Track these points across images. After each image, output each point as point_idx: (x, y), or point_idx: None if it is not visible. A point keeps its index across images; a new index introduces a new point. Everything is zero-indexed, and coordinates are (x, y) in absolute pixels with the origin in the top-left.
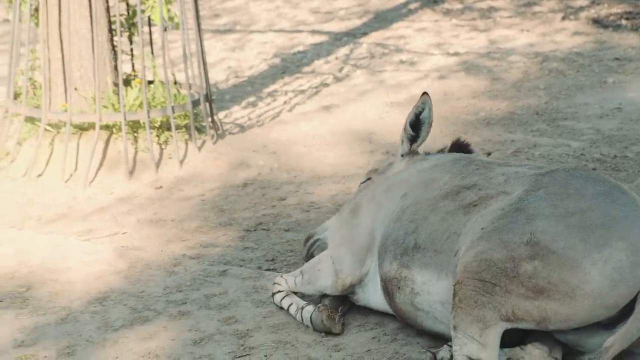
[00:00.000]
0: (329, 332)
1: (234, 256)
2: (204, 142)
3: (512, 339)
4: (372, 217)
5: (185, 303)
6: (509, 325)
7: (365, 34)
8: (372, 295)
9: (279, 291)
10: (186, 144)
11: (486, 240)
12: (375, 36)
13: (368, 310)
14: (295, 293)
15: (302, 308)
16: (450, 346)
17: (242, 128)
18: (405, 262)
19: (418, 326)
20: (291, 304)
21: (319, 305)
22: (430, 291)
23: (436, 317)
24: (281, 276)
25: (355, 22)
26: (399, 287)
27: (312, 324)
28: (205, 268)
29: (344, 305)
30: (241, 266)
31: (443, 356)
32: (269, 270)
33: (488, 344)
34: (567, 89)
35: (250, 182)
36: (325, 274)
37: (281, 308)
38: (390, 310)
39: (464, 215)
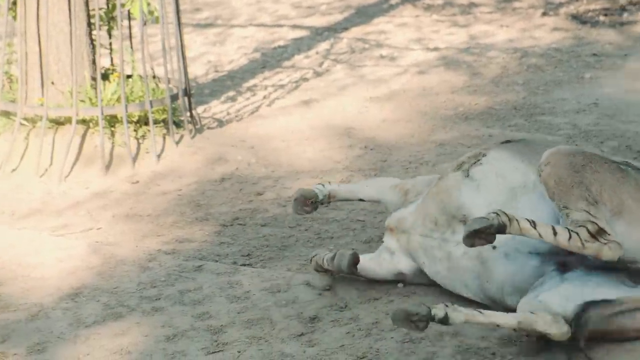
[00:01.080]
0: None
1: (210, 251)
2: (182, 136)
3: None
4: None
5: (159, 299)
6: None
7: (346, 28)
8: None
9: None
10: (164, 138)
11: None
12: (356, 31)
13: (343, 305)
14: None
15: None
16: (447, 305)
17: (221, 123)
18: (489, 147)
19: (450, 198)
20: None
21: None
22: (494, 163)
23: (479, 187)
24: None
25: (337, 17)
26: (463, 162)
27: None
28: (180, 263)
29: None
30: (216, 261)
31: (436, 313)
32: (244, 265)
33: (599, 218)
34: (545, 84)
35: (228, 177)
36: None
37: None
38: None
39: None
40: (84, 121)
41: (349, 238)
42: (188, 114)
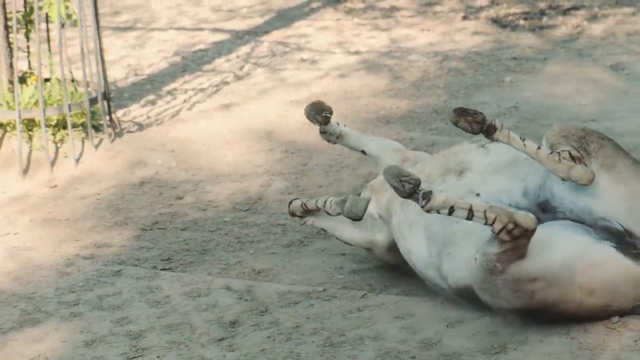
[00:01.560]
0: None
1: (129, 256)
2: (101, 140)
3: None
4: None
5: (78, 304)
6: None
7: (267, 32)
8: None
9: None
10: (83, 142)
11: None
12: (277, 34)
13: (263, 309)
14: None
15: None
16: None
17: (141, 126)
18: None
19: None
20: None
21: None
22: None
23: None
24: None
25: (257, 21)
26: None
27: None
28: (99, 268)
29: None
30: (136, 266)
31: (424, 188)
32: (164, 269)
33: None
34: (466, 87)
35: (148, 180)
36: None
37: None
38: None
39: None
40: (1, 125)
41: (270, 242)
42: (107, 117)
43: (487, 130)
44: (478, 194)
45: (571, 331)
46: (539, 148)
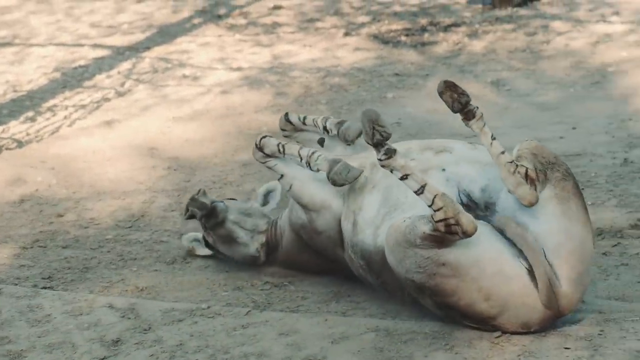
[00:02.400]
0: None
1: (9, 274)
2: None
3: None
4: None
5: None
6: None
7: (148, 48)
8: None
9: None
10: None
11: None
12: (159, 51)
13: (146, 327)
14: None
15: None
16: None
17: (20, 143)
18: None
19: None
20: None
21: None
22: None
23: None
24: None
25: (139, 36)
26: None
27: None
28: None
29: None
30: (16, 284)
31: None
32: (45, 288)
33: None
34: (349, 103)
35: (28, 198)
36: None
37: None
38: None
39: None
40: None
41: (153, 259)
42: None
43: (466, 114)
44: (444, 169)
45: (455, 346)
46: (502, 152)
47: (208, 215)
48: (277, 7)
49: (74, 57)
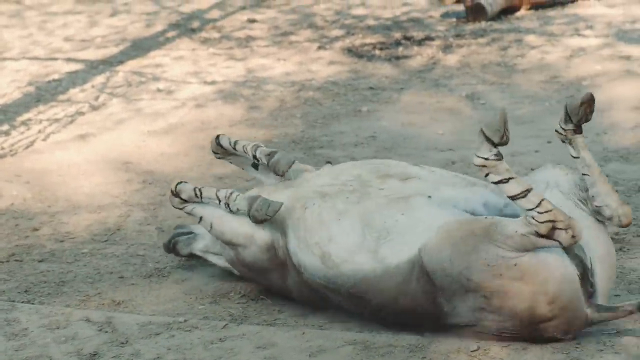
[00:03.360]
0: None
1: None
2: None
3: None
4: None
5: None
6: None
7: (122, 62)
8: None
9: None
10: None
11: None
12: (132, 64)
13: (123, 340)
14: None
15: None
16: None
17: None
18: None
19: None
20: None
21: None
22: None
23: None
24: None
25: (112, 50)
26: None
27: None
28: None
29: None
30: None
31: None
32: (22, 302)
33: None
34: (323, 117)
35: (3, 212)
36: None
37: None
38: None
39: None
40: None
41: (129, 273)
42: None
43: (580, 129)
44: (430, 197)
45: (433, 359)
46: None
47: (174, 252)
48: (251, 21)
49: (48, 71)
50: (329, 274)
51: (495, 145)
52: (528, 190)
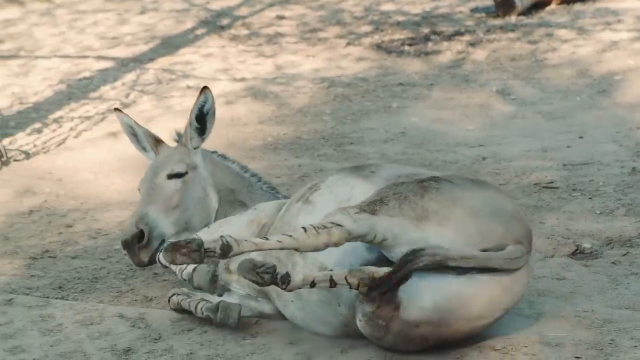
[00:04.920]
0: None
1: (20, 285)
2: None
3: None
4: None
5: None
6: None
7: (152, 59)
8: None
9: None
10: None
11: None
12: (162, 62)
13: (156, 336)
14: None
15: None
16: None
17: (28, 155)
18: (328, 174)
19: (291, 229)
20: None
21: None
22: (329, 185)
23: (314, 208)
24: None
25: (142, 48)
26: (304, 193)
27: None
28: None
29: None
30: (27, 294)
31: (280, 271)
32: (56, 298)
33: (359, 220)
34: (353, 114)
35: (37, 209)
36: (245, 215)
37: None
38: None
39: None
40: None
41: (162, 269)
42: None
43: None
44: (332, 270)
45: (464, 355)
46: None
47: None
48: (279, 18)
49: (79, 68)
50: None
51: (271, 284)
52: (332, 280)
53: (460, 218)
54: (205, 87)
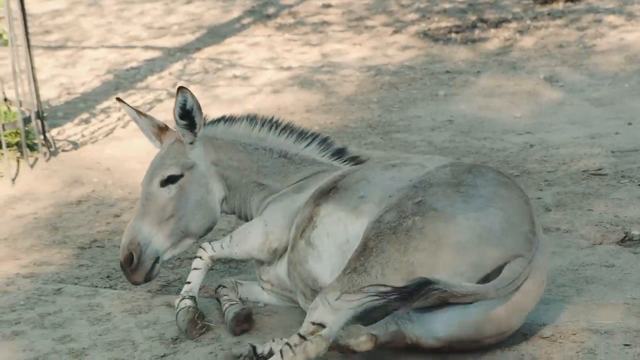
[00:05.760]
0: (185, 333)
1: (69, 274)
2: (36, 159)
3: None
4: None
5: (19, 323)
6: (369, 301)
7: (198, 49)
8: (280, 266)
9: (199, 257)
10: (18, 162)
11: (386, 204)
12: (209, 51)
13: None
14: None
15: (185, 299)
16: (274, 340)
17: (76, 145)
18: (320, 201)
19: (305, 271)
20: (189, 284)
21: (192, 306)
22: (325, 222)
23: (320, 254)
24: (208, 242)
25: (189, 38)
26: (305, 226)
27: (176, 318)
28: (40, 287)
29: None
30: (76, 284)
31: (263, 350)
32: (104, 287)
33: (340, 309)
34: (400, 102)
35: (85, 199)
36: (255, 234)
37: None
38: (287, 282)
39: (381, 169)
40: None
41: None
42: (42, 136)
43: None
44: None
45: (514, 343)
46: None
47: None
48: (325, 6)
49: (126, 59)
50: None
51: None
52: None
53: (450, 260)
54: (180, 88)
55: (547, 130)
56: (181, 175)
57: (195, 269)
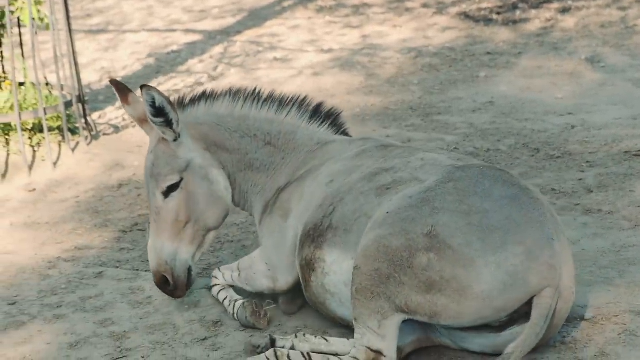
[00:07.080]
0: (254, 328)
1: (110, 258)
2: (77, 143)
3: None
4: (299, 215)
5: (61, 306)
6: (405, 317)
7: (239, 32)
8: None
9: (216, 284)
10: (59, 146)
11: (389, 225)
12: (249, 34)
13: None
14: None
15: (235, 302)
16: (296, 336)
17: (117, 129)
18: (320, 242)
19: (328, 312)
20: (225, 297)
21: (244, 301)
22: (336, 271)
23: (341, 300)
24: (218, 269)
25: (229, 21)
26: (312, 270)
27: (238, 319)
28: (81, 270)
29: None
30: (117, 267)
31: (284, 344)
32: (145, 271)
33: (386, 335)
34: (440, 83)
35: (126, 183)
36: (260, 276)
37: (218, 301)
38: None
39: (376, 197)
40: None
41: (249, 241)
42: (83, 120)
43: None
44: None
45: None
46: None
47: None
48: None
49: (167, 42)
50: None
51: None
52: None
53: (475, 308)
54: (143, 86)
55: (588, 111)
56: (180, 180)
57: (219, 292)
